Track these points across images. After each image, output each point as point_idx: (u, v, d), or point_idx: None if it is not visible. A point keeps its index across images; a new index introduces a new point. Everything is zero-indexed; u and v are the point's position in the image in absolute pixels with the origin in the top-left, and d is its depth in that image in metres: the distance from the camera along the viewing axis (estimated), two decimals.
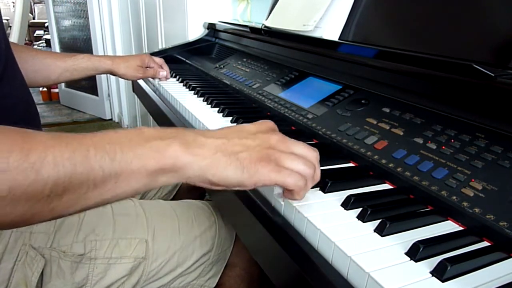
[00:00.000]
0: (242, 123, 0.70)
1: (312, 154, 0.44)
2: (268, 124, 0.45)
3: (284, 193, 0.44)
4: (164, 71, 1.06)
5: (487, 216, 0.39)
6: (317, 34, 0.82)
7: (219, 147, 0.39)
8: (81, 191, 0.35)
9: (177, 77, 1.11)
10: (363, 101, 0.65)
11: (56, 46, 3.42)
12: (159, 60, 1.08)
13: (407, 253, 0.36)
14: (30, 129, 0.35)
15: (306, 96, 0.75)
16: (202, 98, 0.90)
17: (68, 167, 0.33)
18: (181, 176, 0.39)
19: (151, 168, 0.37)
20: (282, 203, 0.45)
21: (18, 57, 0.70)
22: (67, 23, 3.28)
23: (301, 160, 0.42)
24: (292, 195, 0.42)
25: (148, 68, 1.05)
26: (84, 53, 0.98)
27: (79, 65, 0.94)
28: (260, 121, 0.45)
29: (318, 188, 0.48)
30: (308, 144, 0.64)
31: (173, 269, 0.69)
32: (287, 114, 0.72)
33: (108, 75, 2.27)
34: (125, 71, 0.99)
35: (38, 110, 0.73)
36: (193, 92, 0.96)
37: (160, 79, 1.06)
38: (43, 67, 0.89)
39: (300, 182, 0.40)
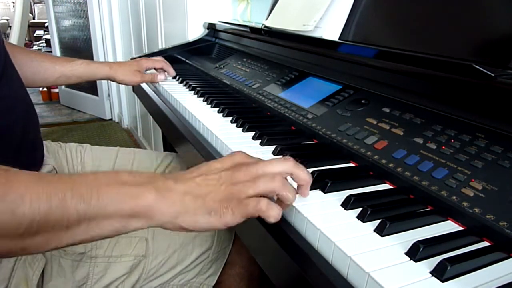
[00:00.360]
0: (242, 123, 0.71)
1: (279, 167, 0.42)
2: (235, 158, 0.44)
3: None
4: (162, 75, 1.06)
5: (487, 216, 0.39)
6: (317, 34, 0.82)
7: (187, 192, 0.40)
8: (54, 231, 0.36)
9: (177, 77, 1.10)
10: (363, 101, 0.65)
11: (56, 46, 3.42)
12: (158, 58, 1.08)
13: (407, 253, 0.36)
14: (14, 168, 0.36)
15: (306, 96, 0.75)
16: (202, 98, 0.90)
17: (44, 208, 0.34)
18: (154, 222, 0.40)
19: (124, 213, 0.38)
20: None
21: (16, 58, 0.70)
22: (67, 23, 3.28)
23: (260, 180, 0.41)
24: (267, 217, 0.40)
25: (147, 72, 1.05)
26: (83, 58, 0.98)
27: (77, 70, 0.94)
28: (230, 153, 0.45)
29: (318, 188, 0.48)
30: (307, 144, 0.65)
31: (173, 267, 0.70)
32: (287, 114, 0.72)
33: None
34: (123, 77, 1.00)
35: (38, 110, 0.73)
36: (193, 92, 0.96)
37: (158, 82, 1.06)
38: (41, 70, 0.90)
39: (260, 204, 0.40)
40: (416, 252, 0.36)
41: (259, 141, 0.64)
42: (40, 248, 0.37)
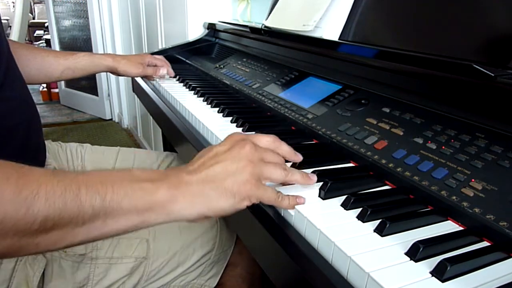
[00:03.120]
0: (242, 123, 0.71)
1: (275, 144, 0.47)
2: (235, 137, 0.46)
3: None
4: (165, 69, 1.06)
5: (487, 216, 0.39)
6: (317, 34, 0.82)
7: (205, 181, 0.41)
8: (69, 228, 0.35)
9: (177, 77, 1.11)
10: (363, 101, 0.65)
11: (56, 46, 3.42)
12: (160, 57, 1.08)
13: (407, 253, 0.36)
14: (27, 165, 0.36)
15: (306, 96, 0.76)
16: (202, 98, 0.90)
17: (58, 204, 0.34)
18: (174, 216, 0.40)
19: (140, 208, 0.38)
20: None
21: (20, 55, 0.71)
22: (67, 23, 3.28)
23: (271, 164, 0.45)
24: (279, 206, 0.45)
25: (148, 66, 1.05)
26: (85, 52, 0.98)
27: (80, 62, 0.94)
28: (228, 135, 0.47)
29: (318, 188, 0.48)
30: (307, 144, 0.65)
31: (174, 269, 0.70)
32: (287, 114, 0.73)
33: (108, 74, 2.27)
34: (125, 68, 1.00)
35: (38, 110, 0.73)
36: (193, 92, 0.96)
37: (159, 77, 1.06)
38: (45, 65, 0.90)
39: (279, 198, 0.44)
40: (416, 252, 0.36)
41: None
42: (55, 245, 0.36)
